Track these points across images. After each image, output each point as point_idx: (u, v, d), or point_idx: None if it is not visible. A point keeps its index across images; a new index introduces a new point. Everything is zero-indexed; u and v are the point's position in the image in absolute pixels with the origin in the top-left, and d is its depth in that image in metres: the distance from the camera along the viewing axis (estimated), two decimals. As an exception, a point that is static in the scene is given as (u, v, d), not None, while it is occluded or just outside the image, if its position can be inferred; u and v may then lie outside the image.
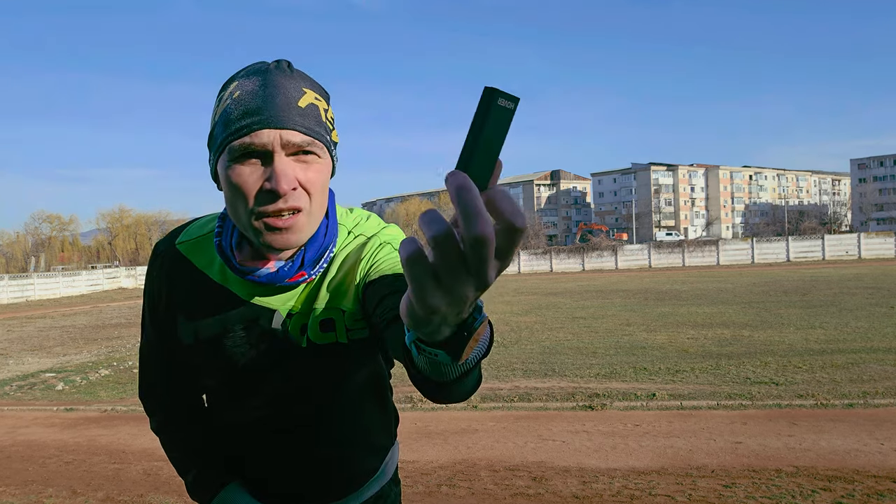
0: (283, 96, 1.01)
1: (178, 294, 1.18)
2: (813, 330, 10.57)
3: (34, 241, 66.85)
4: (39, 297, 35.97)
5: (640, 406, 6.07)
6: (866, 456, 4.32)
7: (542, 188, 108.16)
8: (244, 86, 1.03)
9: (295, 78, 1.05)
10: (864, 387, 6.38)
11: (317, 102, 1.05)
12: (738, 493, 3.79)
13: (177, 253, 1.19)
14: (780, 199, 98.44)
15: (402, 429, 5.69)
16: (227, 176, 1.02)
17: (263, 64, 1.06)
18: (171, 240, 1.22)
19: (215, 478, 1.25)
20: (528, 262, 46.53)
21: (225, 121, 1.02)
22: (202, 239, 1.19)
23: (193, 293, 1.17)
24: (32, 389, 8.73)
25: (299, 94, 1.03)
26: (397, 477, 1.41)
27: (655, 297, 18.86)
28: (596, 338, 10.90)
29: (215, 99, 1.09)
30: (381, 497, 1.34)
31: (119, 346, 13.09)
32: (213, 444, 1.28)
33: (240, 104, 1.01)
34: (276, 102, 1.00)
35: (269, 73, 1.03)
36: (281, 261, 1.11)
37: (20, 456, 5.41)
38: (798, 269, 31.46)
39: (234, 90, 1.03)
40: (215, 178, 1.08)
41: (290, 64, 1.07)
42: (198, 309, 1.16)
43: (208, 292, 1.15)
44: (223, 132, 1.02)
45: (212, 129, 1.07)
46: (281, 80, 1.03)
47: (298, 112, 1.01)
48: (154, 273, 1.21)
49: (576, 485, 4.08)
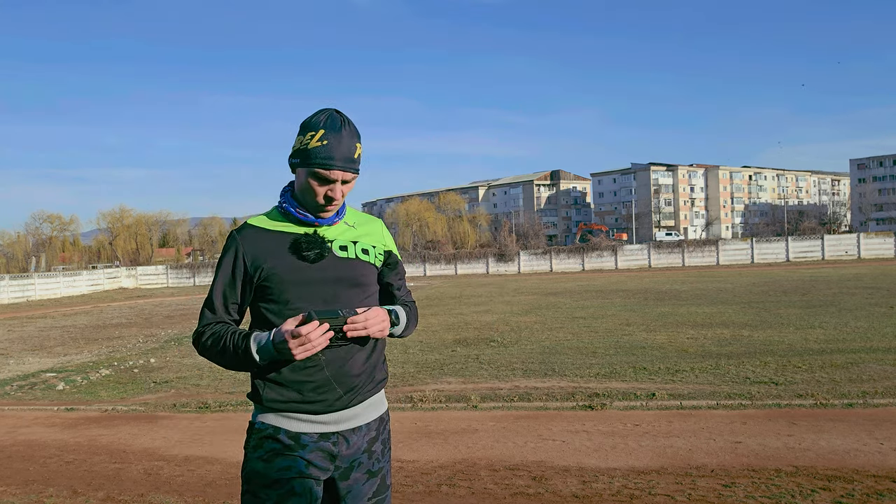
0: (348, 150, 1.78)
1: (261, 250, 1.82)
2: (812, 330, 10.57)
3: (35, 241, 66.78)
4: (40, 297, 35.96)
5: (639, 406, 6.08)
6: (866, 455, 4.33)
7: (542, 188, 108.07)
8: (329, 137, 1.76)
9: (353, 135, 1.80)
10: (864, 386, 6.39)
11: (359, 149, 1.82)
12: (737, 493, 3.80)
13: (252, 227, 1.88)
14: (779, 200, 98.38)
15: (402, 428, 5.66)
16: (308, 180, 1.80)
17: (336, 122, 1.77)
18: (245, 223, 1.92)
19: (247, 332, 1.80)
20: (528, 262, 46.52)
21: (316, 153, 1.76)
22: (260, 216, 1.92)
23: (271, 240, 1.84)
24: (33, 389, 8.74)
25: (354, 149, 1.80)
26: (388, 415, 2.01)
27: (655, 297, 18.87)
28: (596, 338, 10.90)
29: (303, 129, 1.80)
30: (383, 421, 1.95)
31: (120, 346, 13.09)
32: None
33: (326, 150, 1.76)
34: (344, 155, 1.78)
35: (341, 134, 1.77)
36: (327, 216, 1.90)
37: (21, 455, 5.41)
38: (798, 269, 31.45)
39: (323, 137, 1.76)
40: (293, 168, 1.85)
41: (350, 123, 1.81)
42: (278, 243, 1.83)
43: (282, 238, 1.84)
44: (314, 160, 1.77)
45: (302, 150, 1.79)
46: (347, 138, 1.78)
47: (352, 161, 1.81)
48: (236, 238, 1.86)
49: (576, 484, 4.09)
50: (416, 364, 9.13)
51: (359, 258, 1.88)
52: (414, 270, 47.47)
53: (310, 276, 1.80)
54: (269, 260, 1.80)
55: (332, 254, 1.84)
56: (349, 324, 1.71)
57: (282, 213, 1.87)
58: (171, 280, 48.87)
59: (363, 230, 1.95)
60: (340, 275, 1.83)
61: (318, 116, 1.78)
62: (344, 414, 1.83)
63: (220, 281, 1.86)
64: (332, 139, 1.75)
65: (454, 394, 7.00)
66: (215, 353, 1.80)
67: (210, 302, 1.87)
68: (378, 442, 1.91)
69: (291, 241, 1.82)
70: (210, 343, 1.81)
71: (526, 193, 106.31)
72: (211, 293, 1.87)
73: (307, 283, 1.80)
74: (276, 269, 1.80)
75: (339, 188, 1.79)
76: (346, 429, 1.83)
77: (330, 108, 1.80)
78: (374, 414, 1.91)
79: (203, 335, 1.83)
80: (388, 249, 1.99)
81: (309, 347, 1.67)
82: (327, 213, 1.84)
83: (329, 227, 1.87)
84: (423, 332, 12.56)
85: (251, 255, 1.82)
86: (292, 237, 1.83)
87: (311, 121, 1.79)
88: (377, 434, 1.90)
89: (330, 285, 1.82)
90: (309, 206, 1.84)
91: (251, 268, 1.82)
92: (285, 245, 1.82)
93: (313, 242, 1.81)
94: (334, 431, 1.81)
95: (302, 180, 1.82)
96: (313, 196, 1.81)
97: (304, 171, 1.79)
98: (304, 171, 1.79)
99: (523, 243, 56.56)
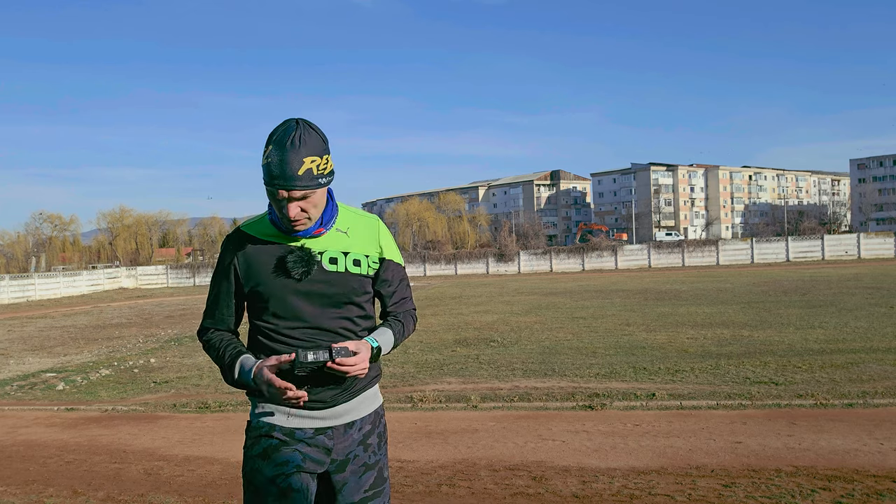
0: (290, 168, 1.69)
1: (252, 262, 1.84)
2: (812, 330, 10.57)
3: (35, 241, 66.66)
4: (40, 297, 35.95)
5: (639, 406, 6.08)
6: (866, 456, 4.33)
7: (542, 188, 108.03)
8: (273, 154, 1.70)
9: (304, 148, 1.70)
10: (864, 386, 6.39)
11: (311, 164, 1.71)
12: (737, 493, 3.79)
13: (245, 235, 1.88)
14: (779, 200, 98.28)
15: (402, 428, 5.66)
16: (270, 201, 1.79)
17: (284, 137, 1.70)
18: (237, 229, 1.92)
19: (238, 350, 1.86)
20: (528, 262, 46.51)
21: (265, 171, 1.73)
22: (254, 222, 1.91)
23: (262, 253, 1.84)
24: (33, 389, 8.74)
25: (300, 164, 1.70)
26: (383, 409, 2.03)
27: (655, 297, 18.86)
28: (596, 338, 10.90)
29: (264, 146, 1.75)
30: (378, 415, 1.97)
31: (120, 346, 13.10)
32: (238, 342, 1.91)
33: (270, 168, 1.71)
34: (286, 173, 1.70)
35: (285, 151, 1.69)
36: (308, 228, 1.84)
37: (21, 455, 5.41)
38: (797, 269, 31.46)
39: (269, 154, 1.71)
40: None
41: (300, 136, 1.70)
42: (267, 257, 1.83)
43: (271, 250, 1.83)
44: (264, 178, 1.74)
45: (262, 165, 1.74)
46: (291, 156, 1.69)
47: (295, 179, 1.70)
48: (230, 248, 1.88)
49: (576, 484, 4.09)
50: (416, 364, 9.13)
51: (348, 271, 1.86)
52: (414, 270, 47.47)
53: (299, 290, 1.81)
54: (258, 274, 1.83)
55: (320, 267, 1.82)
56: (335, 363, 1.72)
57: (271, 221, 1.87)
58: (171, 280, 48.87)
59: (357, 236, 1.91)
60: (329, 290, 1.83)
61: (275, 130, 1.74)
62: (339, 409, 1.86)
63: (215, 290, 1.94)
64: (275, 156, 1.70)
65: (454, 394, 7.00)
66: (212, 359, 1.93)
67: (208, 309, 1.96)
68: (374, 435, 1.93)
69: (278, 257, 1.82)
70: (208, 349, 1.94)
71: (526, 193, 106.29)
72: (209, 300, 1.97)
73: (296, 296, 1.81)
74: (266, 283, 1.82)
75: (293, 206, 1.73)
76: (341, 423, 1.86)
77: (292, 119, 1.75)
78: (370, 408, 1.94)
79: (202, 339, 1.96)
80: (382, 256, 1.95)
81: (277, 399, 1.78)
82: (297, 228, 1.79)
83: (315, 238, 1.84)
84: (423, 332, 12.56)
85: (243, 269, 1.86)
86: (280, 252, 1.82)
87: (269, 135, 1.74)
88: (373, 427, 1.93)
89: (318, 299, 1.82)
90: (285, 224, 1.80)
91: (243, 280, 1.86)
92: (274, 259, 1.82)
93: (299, 260, 1.80)
94: (330, 426, 1.85)
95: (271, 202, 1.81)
96: (278, 212, 1.78)
97: (267, 190, 1.77)
98: (267, 191, 1.77)
99: (523, 243, 56.52)
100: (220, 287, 1.91)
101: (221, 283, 1.91)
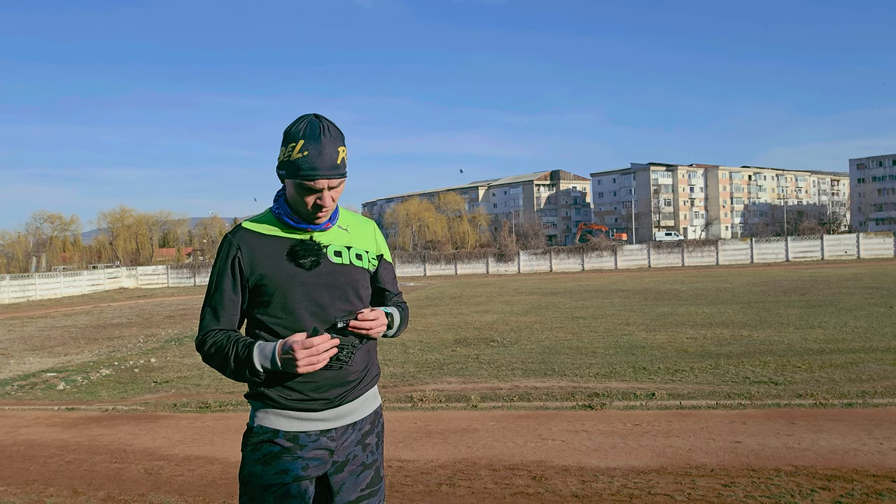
0: (330, 158, 1.77)
1: (258, 255, 1.84)
2: (812, 330, 10.58)
3: (35, 241, 66.65)
4: (41, 297, 35.96)
5: (639, 405, 6.08)
6: (865, 455, 4.34)
7: (541, 188, 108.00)
8: (310, 147, 1.75)
9: (335, 139, 1.78)
10: (863, 386, 6.39)
11: (343, 153, 1.81)
12: (737, 493, 3.80)
13: (246, 230, 1.89)
14: (779, 200, 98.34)
15: (401, 428, 5.66)
16: (297, 192, 1.80)
17: (315, 130, 1.76)
18: (238, 226, 1.93)
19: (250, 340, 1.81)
20: (527, 262, 46.52)
21: (299, 165, 1.76)
22: (256, 219, 1.93)
23: (267, 246, 1.86)
24: (34, 389, 8.74)
25: (337, 154, 1.79)
26: (381, 409, 2.07)
27: (655, 296, 18.87)
28: (595, 337, 10.91)
29: (285, 139, 1.79)
30: (378, 414, 2.01)
31: (120, 346, 13.10)
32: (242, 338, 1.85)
33: (308, 160, 1.76)
34: (327, 163, 1.77)
35: (321, 143, 1.76)
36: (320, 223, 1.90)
37: (21, 455, 5.42)
38: (797, 269, 31.46)
39: (303, 148, 1.75)
40: (281, 178, 1.85)
41: (329, 128, 1.78)
42: (275, 249, 1.85)
43: (278, 243, 1.86)
44: (298, 171, 1.77)
45: (286, 161, 1.79)
46: (329, 147, 1.76)
47: (336, 167, 1.79)
48: (232, 243, 1.86)
49: (575, 484, 4.09)
50: (416, 364, 9.13)
51: (353, 263, 1.92)
52: (414, 270, 47.48)
53: (305, 281, 1.84)
54: (265, 265, 1.84)
55: (327, 259, 1.88)
56: (358, 320, 1.80)
57: (276, 217, 1.89)
58: (171, 280, 48.88)
59: (356, 234, 1.99)
60: (335, 280, 1.88)
61: (297, 125, 1.78)
62: (342, 410, 1.88)
63: (217, 286, 1.87)
64: (313, 149, 1.75)
65: (454, 394, 7.00)
66: (218, 361, 1.82)
67: (209, 308, 1.88)
68: (372, 435, 1.97)
69: (288, 248, 1.85)
70: (213, 351, 1.82)
71: (526, 193, 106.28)
72: (209, 299, 1.88)
73: (302, 288, 1.84)
74: (272, 275, 1.83)
75: (328, 195, 1.81)
76: (344, 424, 1.89)
77: (310, 115, 1.81)
78: (370, 408, 1.98)
79: (205, 343, 1.84)
80: (380, 253, 2.04)
81: (314, 361, 1.72)
82: (320, 220, 1.86)
83: (323, 231, 1.91)
84: (423, 332, 12.57)
85: (248, 260, 1.84)
86: (289, 243, 1.86)
87: (292, 130, 1.78)
88: (371, 427, 1.97)
89: (324, 290, 1.86)
90: (301, 215, 1.86)
91: (248, 272, 1.85)
92: (281, 251, 1.85)
93: (309, 250, 1.85)
94: (333, 427, 1.87)
95: (291, 191, 1.84)
96: (304, 206, 1.82)
97: (291, 182, 1.81)
98: (291, 182, 1.81)
99: (523, 243, 56.54)
100: (223, 283, 1.87)
101: (224, 280, 1.87)
